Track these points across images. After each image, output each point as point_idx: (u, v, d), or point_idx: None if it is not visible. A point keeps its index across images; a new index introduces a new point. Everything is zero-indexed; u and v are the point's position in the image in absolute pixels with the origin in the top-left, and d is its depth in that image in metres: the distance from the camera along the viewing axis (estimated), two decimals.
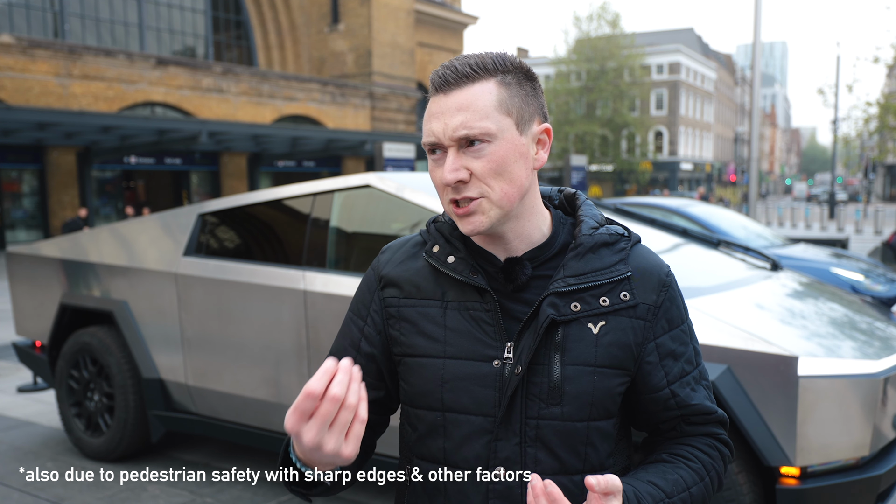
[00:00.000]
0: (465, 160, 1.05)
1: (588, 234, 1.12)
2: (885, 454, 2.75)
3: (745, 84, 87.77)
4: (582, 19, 47.93)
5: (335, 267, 3.46)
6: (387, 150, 22.10)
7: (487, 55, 1.08)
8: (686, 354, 1.16)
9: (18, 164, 21.09)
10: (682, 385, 1.14)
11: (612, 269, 1.10)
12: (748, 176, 13.69)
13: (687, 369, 1.15)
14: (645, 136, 51.32)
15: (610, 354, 1.08)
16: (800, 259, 6.79)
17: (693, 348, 1.18)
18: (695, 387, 1.16)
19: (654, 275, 1.14)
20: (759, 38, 13.07)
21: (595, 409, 1.08)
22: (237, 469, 4.23)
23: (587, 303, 1.08)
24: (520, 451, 1.07)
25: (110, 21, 25.49)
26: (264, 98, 27.04)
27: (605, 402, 1.09)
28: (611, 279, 1.10)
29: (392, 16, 31.06)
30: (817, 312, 3.20)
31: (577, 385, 1.06)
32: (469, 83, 1.04)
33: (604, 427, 1.10)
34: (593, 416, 1.08)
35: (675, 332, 1.15)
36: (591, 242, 1.11)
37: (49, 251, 4.69)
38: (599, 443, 1.10)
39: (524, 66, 1.10)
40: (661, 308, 1.13)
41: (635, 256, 1.14)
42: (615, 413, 1.12)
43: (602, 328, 1.08)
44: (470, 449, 1.09)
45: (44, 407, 5.50)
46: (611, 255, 1.12)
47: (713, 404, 1.18)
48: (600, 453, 1.11)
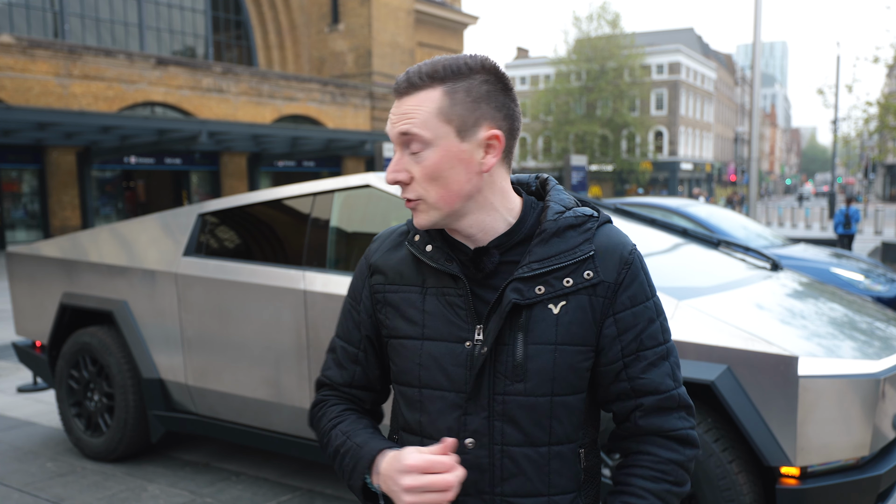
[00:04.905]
0: (406, 163, 1.15)
1: (553, 219, 1.17)
2: (885, 454, 2.75)
3: (745, 84, 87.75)
4: (582, 19, 47.94)
5: (335, 267, 3.46)
6: (387, 150, 22.09)
7: (442, 62, 1.13)
8: (648, 330, 1.18)
9: (18, 164, 21.08)
10: (639, 359, 1.17)
11: (576, 249, 1.16)
12: (748, 176, 13.69)
13: (647, 343, 1.17)
14: (645, 136, 51.32)
15: (570, 332, 1.15)
16: (800, 259, 6.79)
17: (660, 325, 1.19)
18: (655, 363, 1.18)
19: (617, 253, 1.17)
20: (759, 38, 13.07)
21: (557, 384, 1.15)
22: (237, 469, 4.23)
23: (551, 285, 1.14)
24: (488, 424, 1.16)
25: (110, 21, 25.49)
26: (264, 98, 27.04)
27: (569, 378, 1.16)
28: (575, 260, 1.15)
29: (392, 16, 31.06)
30: (817, 312, 3.20)
31: (539, 362, 1.14)
32: (416, 91, 1.13)
33: (570, 402, 1.17)
34: (556, 392, 1.15)
35: (637, 308, 1.17)
36: (554, 227, 1.17)
37: (49, 251, 4.69)
38: (565, 416, 1.17)
39: (487, 69, 1.14)
40: (621, 285, 1.16)
41: (601, 236, 1.19)
42: (583, 389, 1.18)
43: (563, 308, 1.15)
44: (443, 421, 1.18)
45: (44, 407, 5.50)
46: (577, 237, 1.17)
47: (673, 384, 1.19)
48: (566, 426, 1.17)
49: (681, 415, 1.20)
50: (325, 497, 3.81)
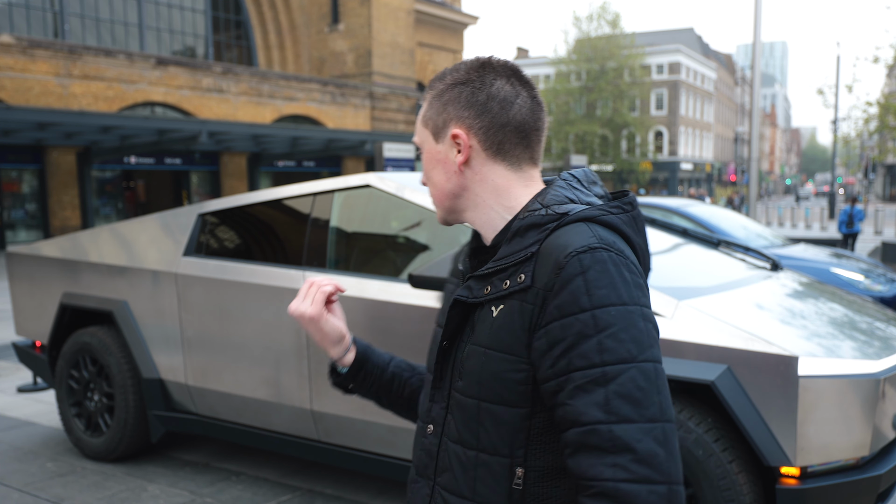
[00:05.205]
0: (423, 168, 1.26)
1: (522, 217, 1.12)
2: (885, 454, 2.75)
3: (745, 84, 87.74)
4: (582, 19, 47.96)
5: (335, 267, 3.46)
6: (387, 150, 22.09)
7: (442, 71, 1.21)
8: (578, 348, 0.99)
9: (18, 164, 21.08)
10: (568, 381, 0.99)
11: (521, 251, 1.08)
12: (748, 176, 13.69)
13: (576, 363, 0.99)
14: (645, 136, 51.33)
15: (497, 338, 1.08)
16: (800, 259, 6.79)
17: (596, 344, 0.98)
18: (583, 387, 0.98)
19: (553, 256, 1.04)
20: (759, 38, 13.07)
21: (483, 389, 1.09)
22: (237, 469, 4.23)
23: (495, 286, 1.10)
24: (444, 414, 1.18)
25: (110, 21, 25.48)
26: (264, 98, 27.03)
27: (495, 386, 1.08)
28: (515, 261, 1.08)
29: (392, 16, 31.05)
30: (817, 312, 3.20)
31: (471, 363, 1.12)
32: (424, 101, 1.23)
33: (497, 412, 1.08)
34: (483, 397, 1.09)
35: (567, 319, 1.00)
36: (518, 226, 1.11)
37: (49, 251, 4.69)
38: (492, 426, 1.08)
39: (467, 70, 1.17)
40: (551, 292, 1.02)
41: (555, 236, 1.07)
42: (515, 402, 1.07)
43: (500, 311, 1.08)
44: (422, 404, 1.26)
45: (44, 407, 5.50)
46: (534, 236, 1.08)
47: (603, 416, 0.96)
48: (493, 437, 1.08)
49: (615, 461, 0.95)
50: (325, 497, 3.81)
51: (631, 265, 1.05)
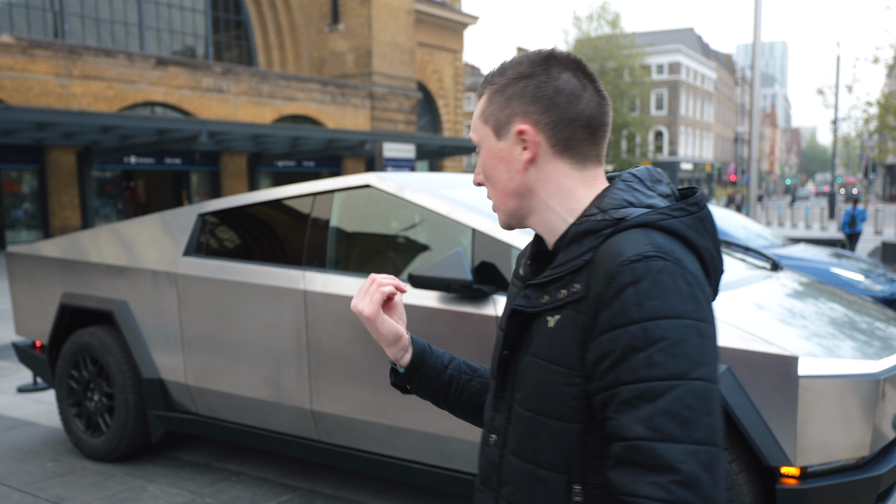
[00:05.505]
0: (478, 167, 1.18)
1: (578, 223, 1.08)
2: (885, 454, 2.75)
3: (745, 84, 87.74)
4: (582, 19, 47.94)
5: (335, 267, 3.46)
6: (387, 150, 22.10)
7: (498, 66, 1.16)
8: (627, 361, 0.95)
9: (18, 164, 21.08)
10: (616, 395, 0.96)
11: (576, 259, 1.04)
12: (748, 176, 13.69)
13: (624, 377, 0.95)
14: (645, 136, 51.33)
15: (553, 350, 1.05)
16: (800, 259, 6.79)
17: (646, 358, 0.94)
18: (630, 402, 0.94)
19: (606, 264, 0.99)
20: (759, 38, 13.07)
21: (538, 402, 1.06)
22: (237, 469, 4.23)
23: (552, 295, 1.06)
24: (505, 425, 1.15)
25: (110, 21, 25.48)
26: (264, 98, 27.03)
27: (549, 400, 1.05)
28: (569, 270, 1.04)
29: (392, 16, 31.06)
30: (817, 312, 3.20)
31: (527, 375, 1.10)
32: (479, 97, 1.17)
33: (553, 427, 1.05)
34: (539, 410, 1.07)
35: (616, 332, 0.96)
36: (574, 231, 1.07)
37: (49, 251, 4.69)
38: (548, 442, 1.05)
39: (531, 63, 1.11)
40: (602, 302, 0.98)
41: (610, 242, 1.02)
42: (570, 418, 1.03)
43: (557, 322, 1.05)
44: (487, 413, 1.22)
45: (44, 407, 5.50)
46: (589, 243, 1.04)
47: (646, 432, 0.92)
48: (549, 454, 1.05)
49: (655, 479, 0.91)
50: (325, 497, 3.81)
51: (689, 275, 0.99)
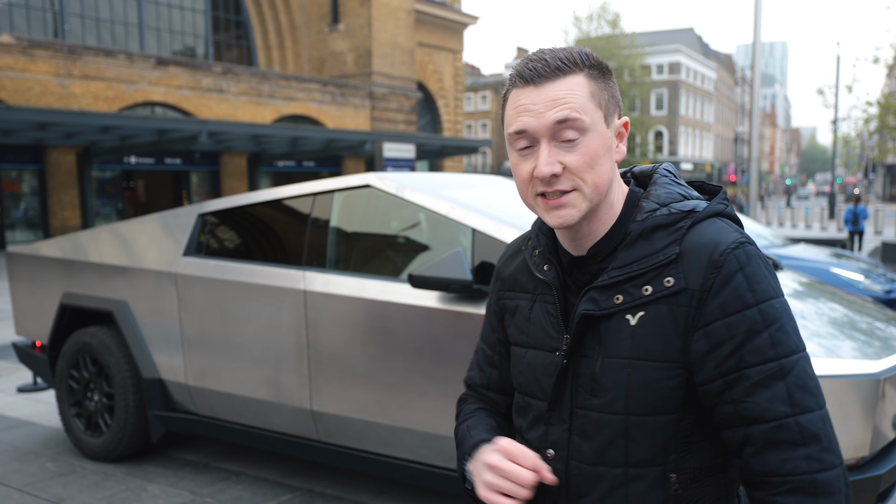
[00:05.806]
0: (558, 154, 1.05)
1: (641, 219, 1.08)
2: (885, 454, 2.75)
3: (745, 84, 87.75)
4: (582, 19, 47.94)
5: (335, 267, 3.46)
6: (387, 150, 22.11)
7: (572, 49, 1.08)
8: (749, 344, 0.99)
9: (18, 164, 21.09)
10: (742, 378, 1.00)
11: (659, 253, 1.04)
12: (748, 176, 13.69)
13: (749, 360, 0.99)
14: (645, 136, 51.34)
15: (646, 346, 1.04)
16: (800, 259, 6.79)
17: (768, 338, 0.99)
18: (762, 383, 0.98)
19: (704, 255, 1.02)
20: (759, 38, 13.07)
21: (632, 402, 1.05)
22: (237, 469, 4.23)
23: (630, 293, 1.05)
24: (567, 437, 1.11)
25: (110, 21, 25.49)
26: (264, 98, 27.04)
27: (646, 397, 1.04)
28: (655, 264, 1.04)
29: (392, 16, 31.06)
30: (817, 312, 3.20)
31: (611, 377, 1.06)
32: (562, 76, 1.05)
33: (649, 423, 1.05)
34: (631, 411, 1.05)
35: (731, 318, 1.00)
36: (640, 228, 1.07)
37: (49, 251, 4.69)
38: (642, 438, 1.05)
39: (602, 61, 1.11)
40: (709, 292, 1.01)
41: (693, 234, 1.04)
42: (668, 410, 1.05)
43: (641, 319, 1.04)
44: (535, 431, 1.16)
45: (44, 407, 5.50)
46: (664, 238, 1.05)
47: (788, 409, 0.97)
48: (645, 449, 1.06)
49: (808, 452, 0.96)
50: (325, 497, 3.81)
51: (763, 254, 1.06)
